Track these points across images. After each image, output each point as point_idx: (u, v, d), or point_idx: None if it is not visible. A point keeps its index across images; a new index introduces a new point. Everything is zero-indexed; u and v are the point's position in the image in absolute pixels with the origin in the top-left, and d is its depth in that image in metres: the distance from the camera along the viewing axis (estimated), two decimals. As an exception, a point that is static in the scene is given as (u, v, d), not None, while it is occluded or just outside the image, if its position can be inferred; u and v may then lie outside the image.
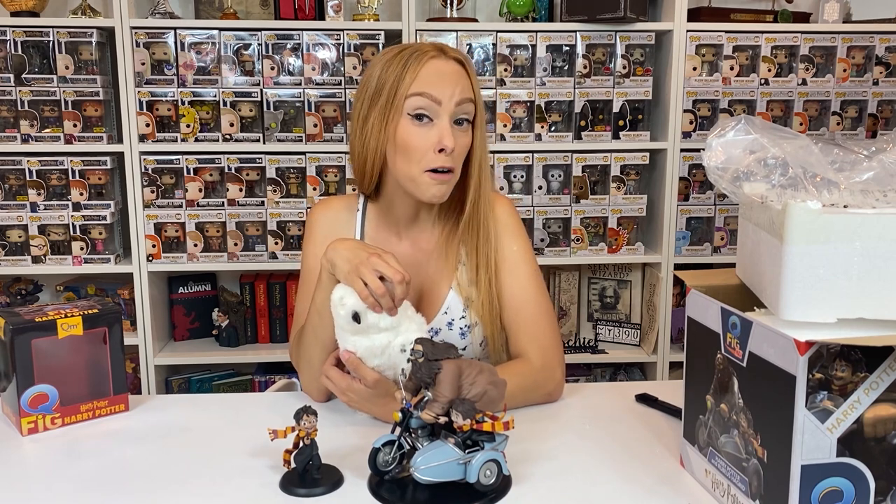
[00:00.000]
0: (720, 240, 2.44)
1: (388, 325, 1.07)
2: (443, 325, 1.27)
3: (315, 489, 0.94)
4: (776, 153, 0.87)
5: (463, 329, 1.27)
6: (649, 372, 2.53)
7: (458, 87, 1.18)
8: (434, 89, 1.16)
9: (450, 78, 1.18)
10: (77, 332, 1.13)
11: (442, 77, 1.18)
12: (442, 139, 1.16)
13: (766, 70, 2.35)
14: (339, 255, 1.11)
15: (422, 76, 1.17)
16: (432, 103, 1.16)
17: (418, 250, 1.30)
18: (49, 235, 2.28)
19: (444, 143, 1.15)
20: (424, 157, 1.16)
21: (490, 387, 0.93)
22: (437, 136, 1.16)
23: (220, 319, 2.46)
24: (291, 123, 2.30)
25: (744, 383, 0.85)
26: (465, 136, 1.20)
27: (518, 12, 2.32)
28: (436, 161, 1.16)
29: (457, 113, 1.18)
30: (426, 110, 1.17)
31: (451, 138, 1.16)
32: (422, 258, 1.29)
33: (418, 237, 1.30)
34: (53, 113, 2.24)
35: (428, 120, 1.17)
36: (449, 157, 1.17)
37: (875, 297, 0.80)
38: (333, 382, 1.13)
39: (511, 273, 1.28)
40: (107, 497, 0.95)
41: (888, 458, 0.78)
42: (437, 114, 1.17)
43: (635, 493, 0.95)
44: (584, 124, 2.34)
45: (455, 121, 1.19)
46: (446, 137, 1.16)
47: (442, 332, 1.27)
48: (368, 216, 1.32)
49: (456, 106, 1.17)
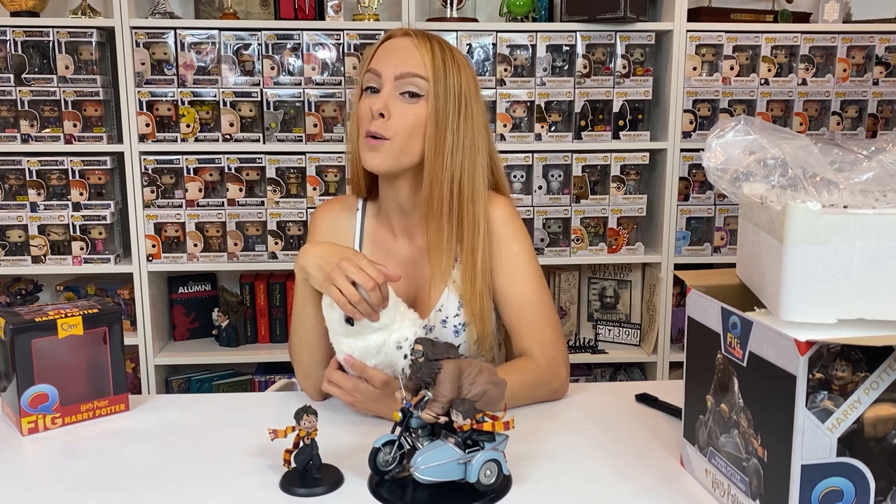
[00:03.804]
0: (720, 240, 2.44)
1: (381, 324, 1.07)
2: (437, 322, 1.27)
3: (315, 489, 0.94)
4: (776, 154, 0.87)
5: (457, 327, 1.27)
6: (649, 372, 2.54)
7: (405, 61, 1.20)
8: (379, 64, 1.22)
9: (398, 52, 1.22)
10: (77, 332, 1.13)
11: (391, 52, 1.22)
12: (373, 104, 1.19)
13: (766, 70, 2.35)
14: (311, 263, 1.12)
15: (377, 55, 1.23)
16: (375, 76, 1.21)
17: (414, 247, 1.30)
18: (49, 235, 2.28)
19: (373, 107, 1.18)
20: (363, 123, 1.21)
21: (490, 387, 0.93)
22: (375, 104, 1.20)
23: (220, 319, 2.46)
24: (291, 123, 2.30)
25: (744, 383, 0.85)
26: (407, 108, 1.20)
27: (518, 12, 2.32)
28: (371, 125, 1.19)
29: (399, 86, 1.20)
30: (372, 83, 1.22)
31: (383, 104, 1.18)
32: (418, 255, 1.29)
33: (413, 234, 1.30)
34: (53, 113, 2.24)
35: (374, 91, 1.22)
36: (381, 122, 1.18)
37: (875, 297, 0.80)
38: (339, 385, 1.13)
39: (512, 273, 1.27)
40: (107, 497, 0.95)
41: (888, 458, 0.78)
42: (381, 84, 1.21)
43: (635, 493, 0.95)
44: (584, 124, 2.34)
45: (400, 93, 1.20)
46: (376, 102, 1.19)
47: (436, 330, 1.27)
48: (368, 215, 1.34)
49: (396, 79, 1.20)
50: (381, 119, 1.19)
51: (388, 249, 1.31)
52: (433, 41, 1.23)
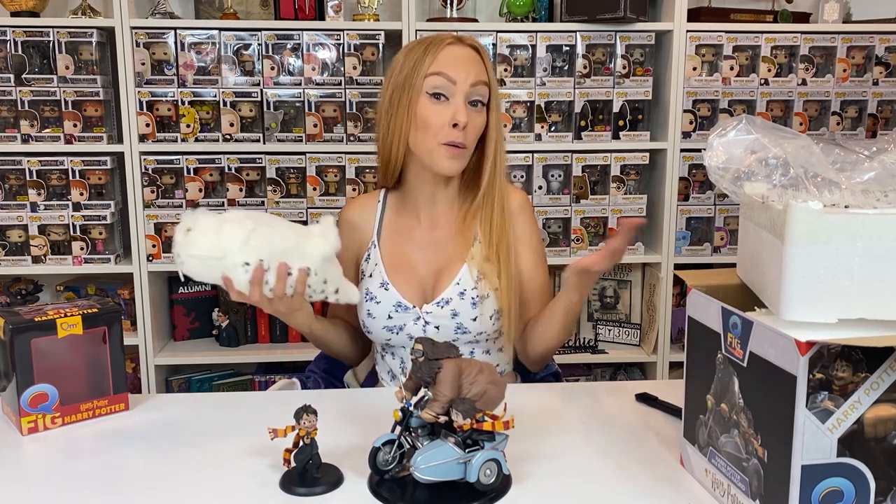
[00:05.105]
0: (720, 240, 2.44)
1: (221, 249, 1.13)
2: (454, 294, 1.35)
3: (315, 488, 0.94)
4: (777, 153, 0.87)
5: (474, 298, 1.34)
6: (649, 372, 2.53)
7: (473, 70, 1.30)
8: (450, 70, 1.29)
9: (465, 61, 1.30)
10: (77, 332, 1.13)
11: (457, 60, 1.30)
12: (456, 114, 1.28)
13: (766, 70, 2.35)
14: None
15: (440, 59, 1.30)
16: (448, 83, 1.29)
17: (437, 230, 1.41)
18: (49, 235, 2.28)
19: (458, 119, 1.27)
20: (441, 131, 1.28)
21: (490, 386, 0.93)
22: (451, 113, 1.28)
23: (221, 319, 2.46)
24: (291, 123, 2.30)
25: (744, 383, 0.85)
26: (478, 116, 1.32)
27: (518, 12, 2.32)
28: (450, 135, 1.28)
29: (471, 94, 1.30)
30: (442, 89, 1.29)
31: (465, 115, 1.28)
32: (440, 237, 1.40)
33: (437, 219, 1.41)
34: (53, 113, 2.24)
35: (444, 98, 1.29)
36: (462, 132, 1.28)
37: (876, 297, 0.80)
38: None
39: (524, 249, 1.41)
40: (107, 497, 0.95)
41: (888, 459, 0.78)
42: (453, 93, 1.29)
43: (635, 493, 0.95)
44: (584, 124, 2.34)
45: (470, 101, 1.30)
46: (460, 113, 1.27)
47: (453, 302, 1.34)
48: (388, 205, 1.44)
49: (470, 87, 1.29)
50: (461, 129, 1.28)
51: (410, 235, 1.41)
52: (482, 49, 1.35)
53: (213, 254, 1.13)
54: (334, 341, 1.43)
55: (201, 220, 1.14)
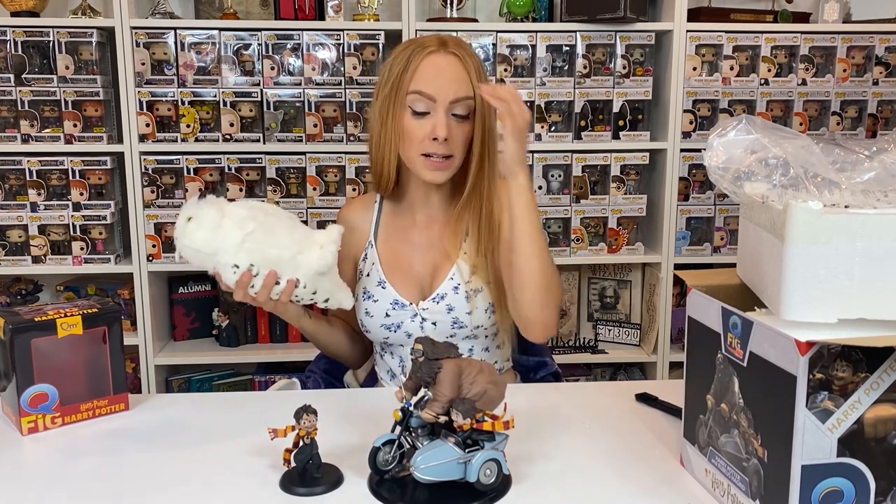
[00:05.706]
0: (720, 240, 2.44)
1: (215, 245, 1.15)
2: (449, 289, 1.36)
3: (315, 488, 0.94)
4: (777, 153, 0.87)
5: (468, 292, 1.36)
6: (649, 372, 2.53)
7: (454, 86, 1.29)
8: (430, 88, 1.28)
9: (446, 74, 1.29)
10: (77, 332, 1.13)
11: (438, 74, 1.29)
12: (435, 129, 1.28)
13: (766, 70, 2.35)
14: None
15: (419, 74, 1.29)
16: (429, 101, 1.29)
17: (432, 230, 1.42)
18: (49, 235, 2.28)
19: (437, 133, 1.28)
20: (421, 143, 1.30)
21: (490, 386, 0.93)
22: (431, 126, 1.29)
23: (221, 319, 2.46)
24: (291, 123, 2.30)
25: (744, 383, 0.85)
26: (460, 127, 1.31)
27: (518, 12, 2.32)
28: (429, 147, 1.30)
29: (452, 108, 1.30)
30: (423, 108, 1.29)
31: (444, 129, 1.28)
32: (434, 236, 1.42)
33: (432, 219, 1.42)
34: (53, 113, 2.24)
35: (426, 113, 1.30)
36: (443, 145, 1.29)
37: (876, 297, 0.80)
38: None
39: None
40: (107, 497, 0.95)
41: (888, 459, 0.78)
42: (434, 108, 1.29)
43: (635, 493, 0.95)
44: (583, 124, 2.34)
45: (452, 113, 1.30)
46: (439, 128, 1.28)
47: (448, 297, 1.36)
48: (384, 209, 1.46)
49: (451, 104, 1.29)
50: (441, 142, 1.28)
51: (407, 235, 1.43)
52: (467, 54, 1.32)
53: (206, 249, 1.15)
54: (329, 340, 1.44)
55: (204, 210, 1.15)
